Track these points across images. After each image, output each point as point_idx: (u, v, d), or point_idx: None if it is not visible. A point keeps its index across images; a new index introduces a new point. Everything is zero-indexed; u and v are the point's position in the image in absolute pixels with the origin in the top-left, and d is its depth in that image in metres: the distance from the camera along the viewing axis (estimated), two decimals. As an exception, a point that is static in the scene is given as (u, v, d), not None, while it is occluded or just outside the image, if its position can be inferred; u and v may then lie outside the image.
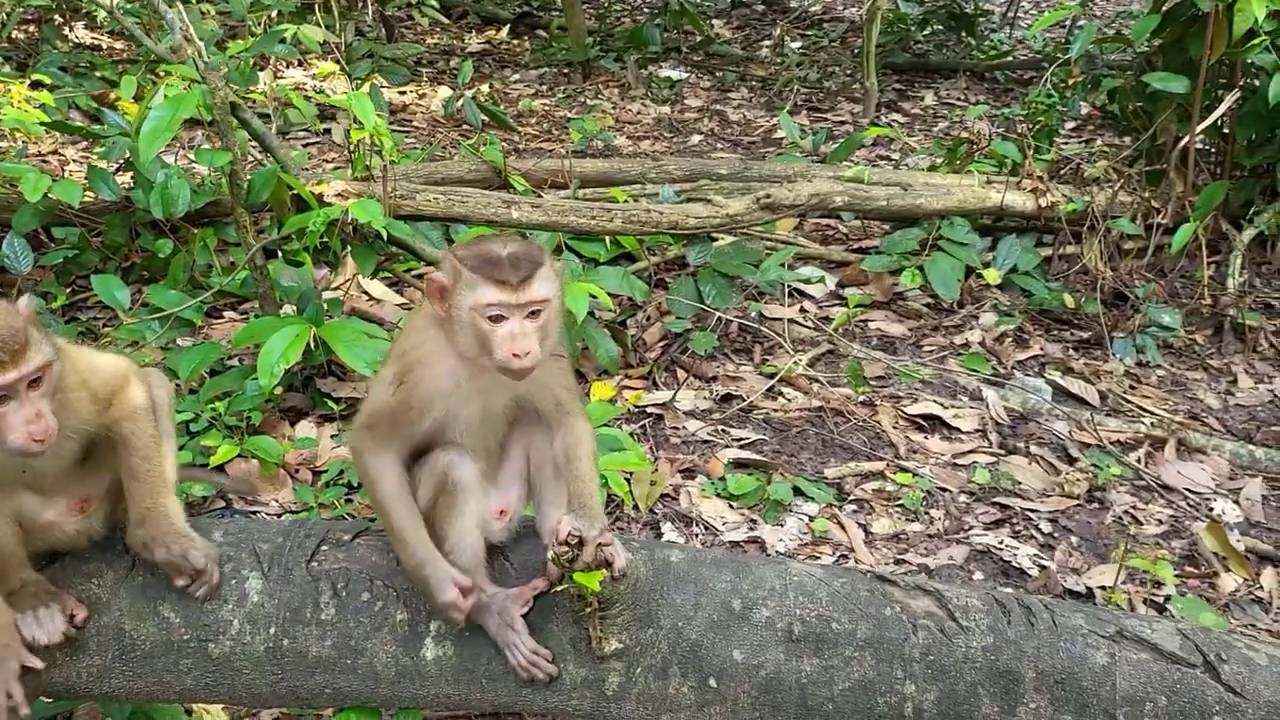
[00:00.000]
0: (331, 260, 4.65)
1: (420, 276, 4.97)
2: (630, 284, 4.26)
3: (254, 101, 4.39)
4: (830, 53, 9.52)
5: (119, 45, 8.40)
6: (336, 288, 4.86)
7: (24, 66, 7.49)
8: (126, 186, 4.76)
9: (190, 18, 4.40)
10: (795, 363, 4.25)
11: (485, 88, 8.24)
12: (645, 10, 11.00)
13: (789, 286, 4.91)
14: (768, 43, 10.23)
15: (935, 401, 4.21)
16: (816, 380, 4.32)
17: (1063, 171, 5.63)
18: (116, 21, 3.79)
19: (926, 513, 3.61)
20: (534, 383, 1.95)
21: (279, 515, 3.39)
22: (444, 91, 8.16)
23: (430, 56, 9.24)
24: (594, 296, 3.97)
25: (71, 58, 7.69)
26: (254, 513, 3.39)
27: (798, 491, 3.63)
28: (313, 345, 3.58)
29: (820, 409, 4.14)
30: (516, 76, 8.98)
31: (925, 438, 4.03)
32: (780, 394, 4.25)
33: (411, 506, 1.96)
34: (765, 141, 7.52)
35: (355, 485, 3.41)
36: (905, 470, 3.78)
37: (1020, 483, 3.77)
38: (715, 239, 4.94)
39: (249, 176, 3.66)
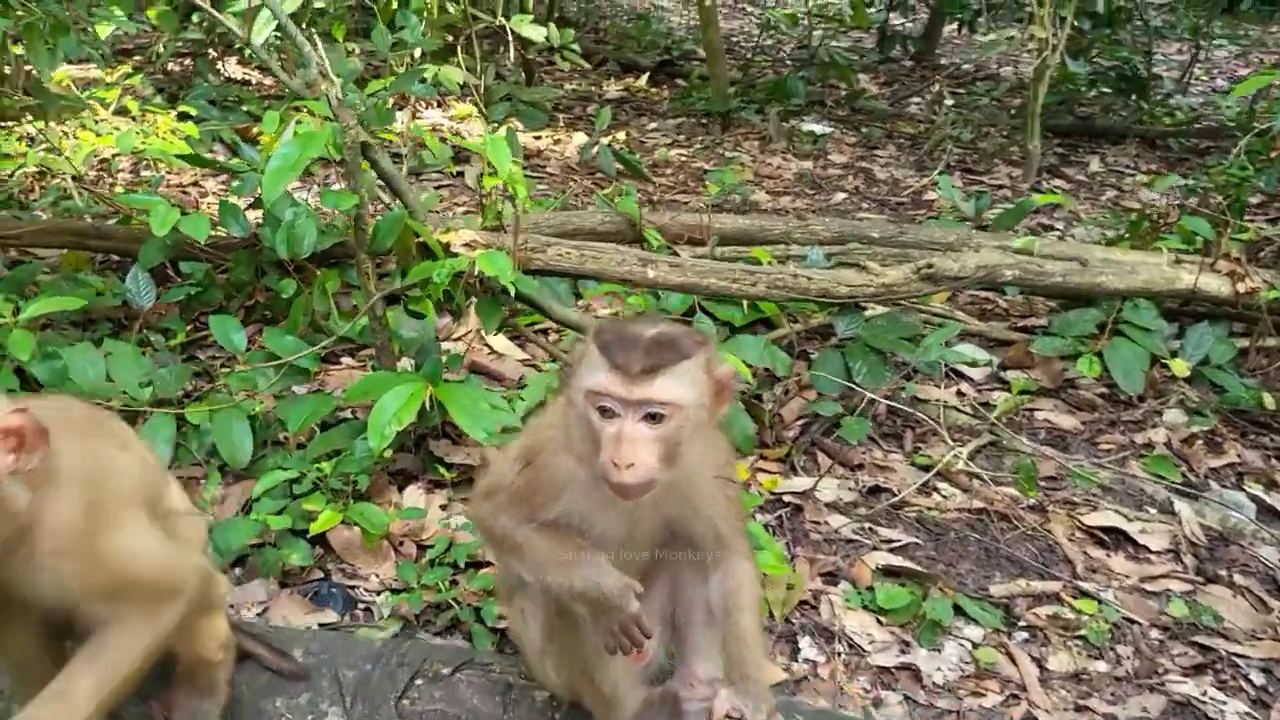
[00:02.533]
0: (455, 308, 4.41)
1: (547, 333, 4.70)
2: (772, 355, 3.87)
3: (388, 142, 4.21)
4: (984, 111, 9.00)
5: (267, 81, 8.52)
6: (458, 339, 4.62)
7: (176, 98, 7.64)
8: (257, 223, 4.65)
9: (334, 55, 4.27)
10: (955, 456, 3.77)
11: (621, 135, 8.03)
12: (788, 62, 10.69)
13: (946, 366, 4.44)
14: (915, 99, 9.78)
15: (1117, 511, 3.67)
16: (977, 477, 3.82)
17: (1262, 254, 5.01)
18: (257, 56, 3.63)
19: (1113, 649, 3.07)
20: (691, 506, 1.58)
21: (378, 593, 3.10)
22: (579, 138, 7.98)
23: (568, 102, 9.11)
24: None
25: (221, 91, 7.81)
26: (353, 587, 3.10)
27: (958, 610, 3.15)
28: (428, 406, 3.31)
29: (982, 511, 3.65)
30: (654, 125, 8.75)
31: (1107, 555, 3.49)
32: (936, 489, 3.78)
33: (548, 537, 1.60)
34: (915, 203, 7.05)
35: (460, 567, 3.09)
36: (1085, 594, 3.26)
37: (1224, 619, 3.20)
38: (864, 308, 4.51)
39: (375, 220, 3.43)
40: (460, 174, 6.78)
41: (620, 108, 9.19)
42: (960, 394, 4.47)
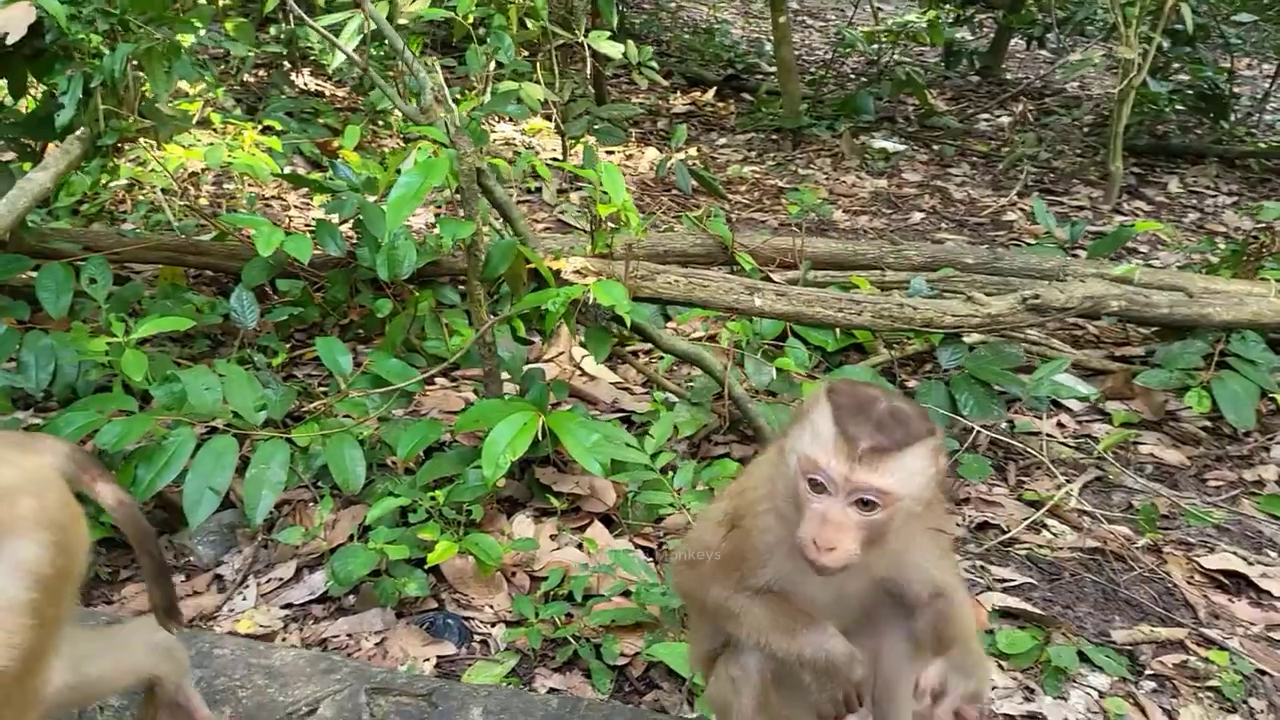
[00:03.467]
0: (543, 330, 4.40)
1: (637, 354, 4.66)
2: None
3: (494, 168, 4.20)
4: (1058, 129, 8.87)
5: (341, 93, 8.58)
6: (549, 360, 4.61)
7: (253, 110, 7.71)
8: (351, 242, 4.66)
9: (431, 75, 4.27)
10: (1067, 493, 3.69)
11: (693, 151, 8.00)
12: (853, 77, 10.60)
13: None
14: (985, 116, 9.66)
15: (1236, 554, 3.57)
16: (1088, 514, 3.74)
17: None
18: (369, 78, 3.64)
19: (1245, 701, 2.98)
20: (905, 566, 1.53)
21: (492, 624, 3.08)
22: (651, 153, 7.96)
23: (637, 117, 9.09)
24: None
25: (298, 104, 7.87)
26: (467, 618, 3.08)
27: (1083, 657, 3.07)
28: (540, 435, 3.29)
29: (1096, 550, 3.57)
30: (723, 141, 8.72)
31: (1230, 600, 3.39)
32: (1045, 526, 3.70)
33: (767, 604, 1.55)
34: (994, 224, 6.96)
35: (578, 600, 3.06)
36: (1211, 642, 3.17)
37: (1357, 672, 3.10)
38: (960, 337, 4.44)
39: (488, 246, 3.42)
40: (538, 190, 6.78)
41: (687, 122, 9.15)
42: (1060, 425, 4.38)
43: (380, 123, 7.59)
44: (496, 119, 7.89)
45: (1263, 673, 3.08)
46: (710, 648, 1.66)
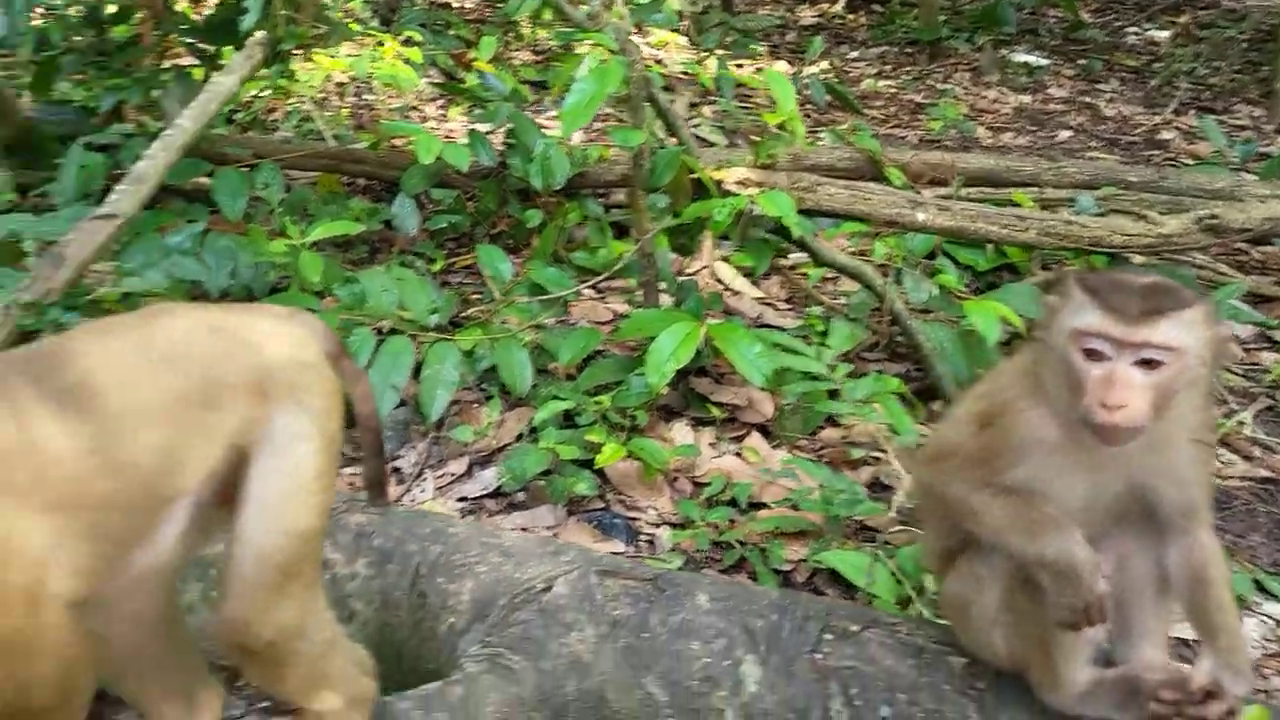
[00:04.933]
0: (686, 243, 4.39)
1: (781, 270, 4.63)
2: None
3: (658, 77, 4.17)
4: (1215, 44, 8.35)
5: (470, 4, 8.58)
6: (692, 274, 4.61)
7: (388, 22, 7.77)
8: (499, 152, 4.71)
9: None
10: (1239, 422, 3.58)
11: (825, 64, 7.80)
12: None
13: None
14: (1133, 30, 9.15)
15: None
16: (1260, 444, 3.62)
17: None
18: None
19: None
20: (1164, 470, 1.51)
21: (656, 526, 3.16)
22: (780, 67, 7.78)
23: (765, 30, 8.88)
24: (1007, 320, 3.49)
25: (430, 15, 7.90)
26: (633, 519, 3.17)
27: (1258, 586, 3.01)
28: (701, 346, 3.32)
29: (1268, 480, 3.46)
30: (855, 54, 8.46)
31: None
32: (1215, 455, 3.60)
33: (1010, 501, 1.56)
34: (1148, 143, 6.63)
35: (742, 508, 3.11)
36: (1393, 576, 3.06)
37: None
38: (1127, 259, 4.29)
39: (652, 156, 3.42)
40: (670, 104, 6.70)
41: (817, 35, 8.90)
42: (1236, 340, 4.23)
43: (511, 34, 7.59)
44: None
45: None
46: (946, 545, 1.68)
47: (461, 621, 1.79)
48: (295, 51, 4.01)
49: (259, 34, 3.54)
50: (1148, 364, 1.41)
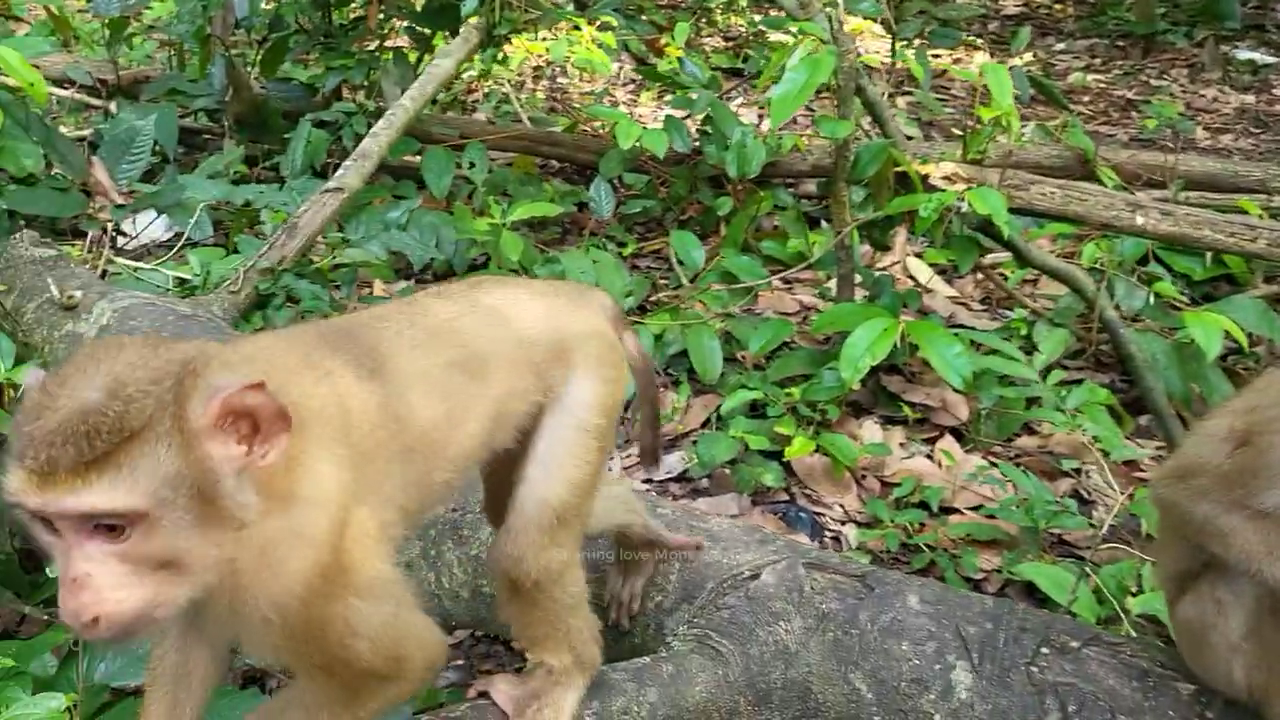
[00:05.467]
0: (876, 238, 4.30)
1: (977, 270, 4.48)
2: (1270, 323, 3.46)
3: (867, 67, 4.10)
4: None
5: (663, -10, 8.64)
6: (883, 269, 4.52)
7: (581, 5, 7.93)
8: (693, 140, 4.73)
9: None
10: None
11: (1028, 56, 7.47)
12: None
13: None
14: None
15: None
16: None
17: None
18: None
19: None
20: None
21: (842, 523, 3.13)
22: (980, 58, 7.50)
23: (966, 19, 8.58)
24: (1228, 334, 3.27)
25: (624, 0, 8.00)
26: (818, 514, 3.14)
27: None
28: (898, 343, 3.26)
29: None
30: (1062, 46, 8.07)
31: None
32: None
33: (1262, 526, 1.48)
34: (1392, 150, 6.06)
35: (933, 511, 3.04)
36: None
37: None
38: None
39: (857, 148, 3.36)
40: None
41: (1021, 25, 8.54)
42: None
43: (704, 20, 7.60)
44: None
45: None
46: (1185, 567, 1.59)
47: (669, 601, 1.82)
48: (508, 36, 4.15)
49: (476, 18, 3.68)
50: None
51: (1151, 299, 3.57)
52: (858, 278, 3.73)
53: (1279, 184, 4.42)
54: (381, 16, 4.22)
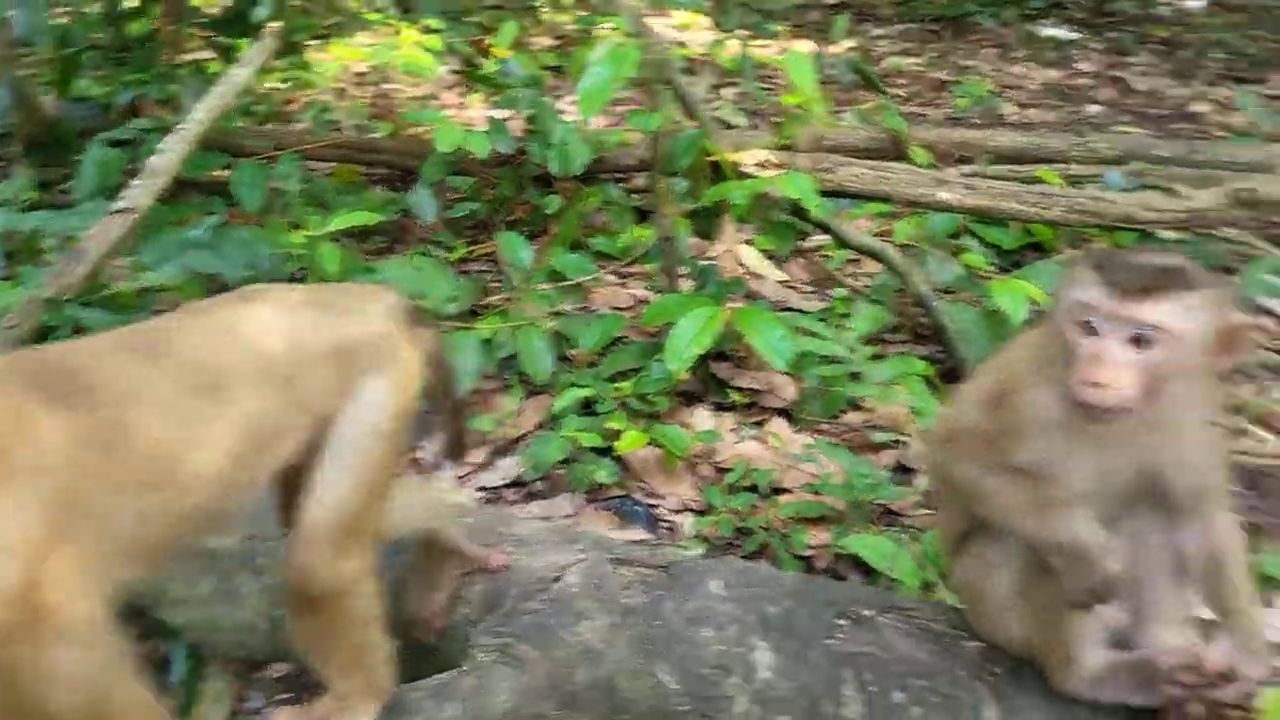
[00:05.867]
0: (704, 226, 4.35)
1: (804, 253, 4.58)
2: (1069, 285, 3.65)
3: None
4: (1251, 13, 8.17)
5: (489, -10, 8.54)
6: (712, 258, 4.58)
7: (407, 9, 7.74)
8: (516, 139, 4.68)
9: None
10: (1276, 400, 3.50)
11: (848, 43, 7.70)
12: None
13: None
14: (1164, 1, 8.96)
15: None
16: (1293, 421, 3.54)
17: None
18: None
19: None
20: (1172, 455, 1.47)
21: (677, 512, 3.14)
22: (803, 46, 7.69)
23: (785, 10, 8.78)
24: (1033, 300, 3.42)
25: (446, 1, 7.86)
26: (653, 506, 3.15)
27: (1294, 567, 2.94)
28: (724, 329, 3.29)
29: (1305, 459, 3.38)
30: (878, 32, 8.36)
31: None
32: (1245, 433, 3.52)
33: (1020, 484, 1.53)
34: (1179, 116, 6.49)
35: (764, 493, 3.08)
36: None
37: None
38: (1153, 234, 4.20)
39: (671, 139, 3.38)
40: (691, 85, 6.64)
41: (838, 13, 8.80)
42: (1259, 328, 4.13)
43: (530, 20, 7.54)
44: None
45: None
46: (960, 529, 1.64)
47: (475, 612, 1.78)
48: (309, 42, 4.00)
49: (272, 25, 3.54)
50: (1138, 342, 1.37)
51: (961, 271, 3.71)
52: (684, 268, 3.76)
53: (1077, 153, 4.67)
54: (175, 27, 4.02)
